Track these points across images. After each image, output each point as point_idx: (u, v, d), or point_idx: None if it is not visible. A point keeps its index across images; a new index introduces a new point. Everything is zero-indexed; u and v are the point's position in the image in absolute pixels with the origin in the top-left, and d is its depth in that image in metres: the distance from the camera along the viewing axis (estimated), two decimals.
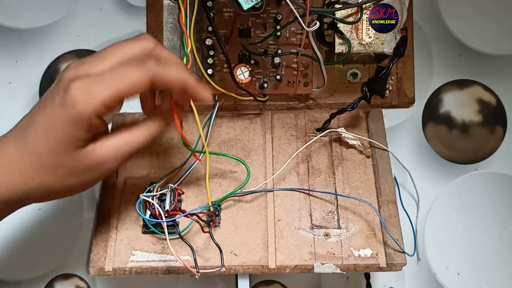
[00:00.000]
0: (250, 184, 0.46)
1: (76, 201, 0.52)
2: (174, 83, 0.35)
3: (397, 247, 0.44)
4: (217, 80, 0.48)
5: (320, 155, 0.48)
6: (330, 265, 0.43)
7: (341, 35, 0.45)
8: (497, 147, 0.54)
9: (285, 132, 0.49)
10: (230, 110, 0.50)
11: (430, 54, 0.55)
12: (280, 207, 0.45)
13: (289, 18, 0.48)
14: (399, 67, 0.51)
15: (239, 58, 0.48)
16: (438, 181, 0.53)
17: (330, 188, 0.46)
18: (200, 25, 0.47)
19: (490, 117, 0.54)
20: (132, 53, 0.35)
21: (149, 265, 0.43)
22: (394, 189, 0.47)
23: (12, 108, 0.52)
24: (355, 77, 0.51)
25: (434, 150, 0.54)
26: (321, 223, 0.45)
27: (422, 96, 0.54)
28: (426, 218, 0.53)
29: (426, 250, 0.52)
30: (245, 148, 0.48)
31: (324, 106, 0.51)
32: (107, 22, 0.53)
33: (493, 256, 0.52)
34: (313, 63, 0.49)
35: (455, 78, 0.55)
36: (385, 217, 0.45)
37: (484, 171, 0.54)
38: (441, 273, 0.52)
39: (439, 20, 0.55)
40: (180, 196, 0.45)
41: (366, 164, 0.48)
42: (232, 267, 0.43)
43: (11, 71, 0.53)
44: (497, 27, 0.55)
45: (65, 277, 0.51)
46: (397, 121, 0.54)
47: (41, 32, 0.53)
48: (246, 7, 0.40)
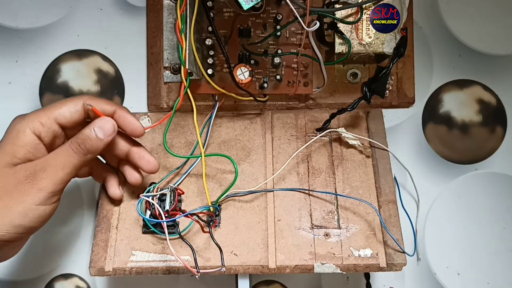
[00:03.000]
0: (250, 184, 0.46)
1: (76, 201, 0.52)
2: (105, 107, 0.40)
3: (397, 247, 0.44)
4: (217, 80, 0.48)
5: (320, 155, 0.48)
6: (330, 265, 0.43)
7: (341, 35, 0.45)
8: (497, 147, 0.54)
9: (285, 132, 0.49)
10: (230, 110, 0.50)
11: (430, 54, 0.55)
12: (280, 207, 0.45)
13: (289, 18, 0.48)
14: (399, 67, 0.51)
15: (239, 58, 0.48)
16: (438, 181, 0.53)
17: (330, 188, 0.46)
18: (200, 25, 0.47)
19: (490, 117, 0.54)
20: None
21: (149, 265, 0.43)
22: (394, 189, 0.47)
23: (12, 108, 0.52)
24: (355, 77, 0.51)
25: (434, 150, 0.54)
26: (321, 223, 0.45)
27: (422, 96, 0.54)
28: (426, 218, 0.53)
29: (426, 250, 0.52)
30: (245, 148, 0.48)
31: (324, 106, 0.51)
32: (107, 22, 0.53)
33: (493, 256, 0.52)
34: (313, 63, 0.49)
35: (455, 78, 0.55)
36: (385, 217, 0.45)
37: (484, 171, 0.54)
38: (441, 273, 0.52)
39: (439, 20, 0.55)
40: (180, 196, 0.45)
41: (366, 164, 0.48)
42: (232, 267, 0.43)
43: (11, 71, 0.53)
44: (497, 27, 0.55)
45: (65, 277, 0.51)
46: (397, 121, 0.54)
47: (41, 32, 0.53)
48: (246, 7, 0.40)
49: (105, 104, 0.40)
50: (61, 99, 0.40)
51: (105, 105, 0.40)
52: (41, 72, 0.53)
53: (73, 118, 0.39)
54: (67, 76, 0.53)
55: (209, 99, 0.50)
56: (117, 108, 0.40)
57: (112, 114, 0.40)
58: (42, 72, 0.53)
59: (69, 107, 0.39)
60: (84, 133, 0.39)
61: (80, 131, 0.39)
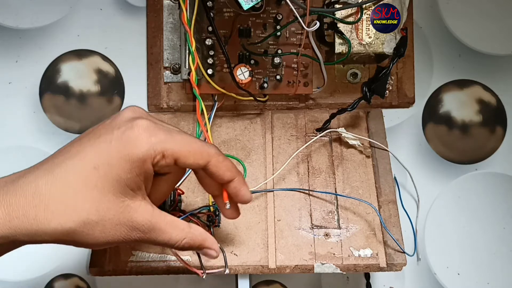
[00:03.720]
0: (250, 184, 0.46)
1: None
2: (225, 175, 0.33)
3: (397, 247, 0.44)
4: (217, 80, 0.48)
5: (320, 155, 0.48)
6: (330, 265, 0.43)
7: (341, 35, 0.45)
8: (497, 147, 0.54)
9: (285, 132, 0.49)
10: (230, 110, 0.50)
11: (430, 54, 0.55)
12: (280, 207, 0.45)
13: (289, 18, 0.48)
14: (399, 67, 0.51)
15: (239, 58, 0.48)
16: (438, 181, 0.53)
17: (330, 188, 0.46)
18: (200, 25, 0.47)
19: (490, 117, 0.54)
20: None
21: (149, 265, 0.43)
22: (394, 189, 0.47)
23: (12, 108, 0.52)
24: (355, 77, 0.51)
25: (434, 150, 0.54)
26: (321, 223, 0.45)
27: (422, 96, 0.54)
28: (426, 218, 0.53)
29: (426, 250, 0.52)
30: (245, 148, 0.48)
31: (324, 106, 0.51)
32: (107, 22, 0.53)
33: (493, 256, 0.52)
34: (313, 63, 0.49)
35: (455, 78, 0.55)
36: (385, 217, 0.45)
37: (484, 171, 0.54)
38: (441, 273, 0.52)
39: (439, 20, 0.55)
40: (180, 196, 0.45)
41: (366, 164, 0.48)
42: (232, 267, 0.43)
43: (11, 71, 0.53)
44: (497, 27, 0.55)
45: (65, 277, 0.51)
46: (397, 121, 0.54)
47: (41, 32, 0.53)
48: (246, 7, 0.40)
49: (227, 171, 0.33)
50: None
51: (227, 172, 0.33)
52: (41, 72, 0.53)
53: (189, 166, 0.32)
54: (67, 76, 0.53)
55: (209, 99, 0.50)
56: (236, 177, 0.34)
57: (229, 182, 0.34)
58: (42, 72, 0.53)
59: (196, 157, 0.31)
60: (197, 240, 0.33)
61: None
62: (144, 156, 0.29)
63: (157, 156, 0.30)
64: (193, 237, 0.33)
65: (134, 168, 0.29)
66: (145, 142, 0.29)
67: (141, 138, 0.29)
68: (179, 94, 0.50)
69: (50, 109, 0.52)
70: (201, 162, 0.32)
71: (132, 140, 0.29)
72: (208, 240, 0.34)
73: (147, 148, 0.29)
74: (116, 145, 0.29)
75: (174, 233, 0.32)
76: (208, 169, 0.32)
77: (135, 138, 0.29)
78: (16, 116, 0.52)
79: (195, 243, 0.33)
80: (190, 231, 0.33)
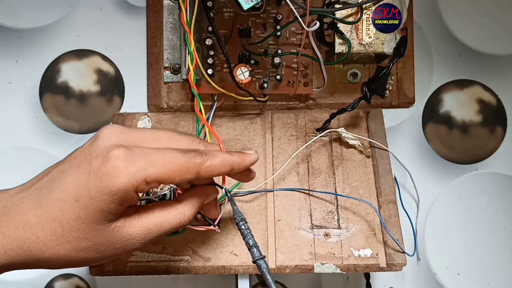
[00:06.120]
0: (250, 184, 0.46)
1: None
2: (221, 171, 0.33)
3: (397, 247, 0.44)
4: (217, 80, 0.48)
5: (320, 155, 0.48)
6: (330, 265, 0.43)
7: (341, 35, 0.45)
8: (497, 147, 0.54)
9: (285, 132, 0.49)
10: (230, 110, 0.50)
11: (430, 54, 0.55)
12: (280, 207, 0.45)
13: (289, 18, 0.48)
14: (399, 67, 0.51)
15: (239, 58, 0.48)
16: (438, 181, 0.53)
17: (330, 188, 0.46)
18: (200, 25, 0.47)
19: (490, 117, 0.54)
20: (184, 146, 0.33)
21: (149, 265, 0.43)
22: (394, 189, 0.47)
23: (12, 108, 0.52)
24: (355, 77, 0.51)
25: (434, 150, 0.54)
26: (321, 223, 0.45)
27: (422, 96, 0.54)
28: (426, 218, 0.53)
29: (426, 250, 0.52)
30: (245, 148, 0.48)
31: (324, 106, 0.51)
32: (107, 22, 0.53)
33: (493, 256, 0.52)
34: (313, 63, 0.49)
35: (455, 78, 0.55)
36: (385, 217, 0.45)
37: (484, 171, 0.54)
38: (441, 273, 0.52)
39: (439, 20, 0.55)
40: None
41: (366, 164, 0.48)
42: (232, 267, 0.43)
43: (11, 71, 0.53)
44: (497, 27, 0.55)
45: (65, 277, 0.51)
46: (397, 121, 0.54)
47: (41, 32, 0.53)
48: (246, 7, 0.40)
49: (222, 167, 0.33)
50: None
51: (222, 168, 0.33)
52: (41, 72, 0.53)
53: (178, 184, 0.33)
54: (67, 76, 0.53)
55: (209, 99, 0.50)
56: (234, 164, 0.34)
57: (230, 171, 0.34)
58: (42, 72, 0.53)
59: (182, 174, 0.31)
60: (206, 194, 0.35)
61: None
62: (125, 187, 0.29)
63: (140, 184, 0.29)
64: (187, 217, 0.33)
65: (116, 199, 0.29)
66: (124, 173, 0.29)
67: (119, 169, 0.29)
68: (179, 94, 0.50)
69: (50, 109, 0.52)
70: (189, 176, 0.31)
71: (109, 173, 0.29)
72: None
73: (127, 179, 0.29)
74: (94, 179, 0.29)
75: (172, 216, 0.33)
76: (201, 177, 0.32)
77: (113, 170, 0.29)
78: (16, 116, 0.52)
79: (193, 216, 0.34)
80: (186, 202, 0.34)
